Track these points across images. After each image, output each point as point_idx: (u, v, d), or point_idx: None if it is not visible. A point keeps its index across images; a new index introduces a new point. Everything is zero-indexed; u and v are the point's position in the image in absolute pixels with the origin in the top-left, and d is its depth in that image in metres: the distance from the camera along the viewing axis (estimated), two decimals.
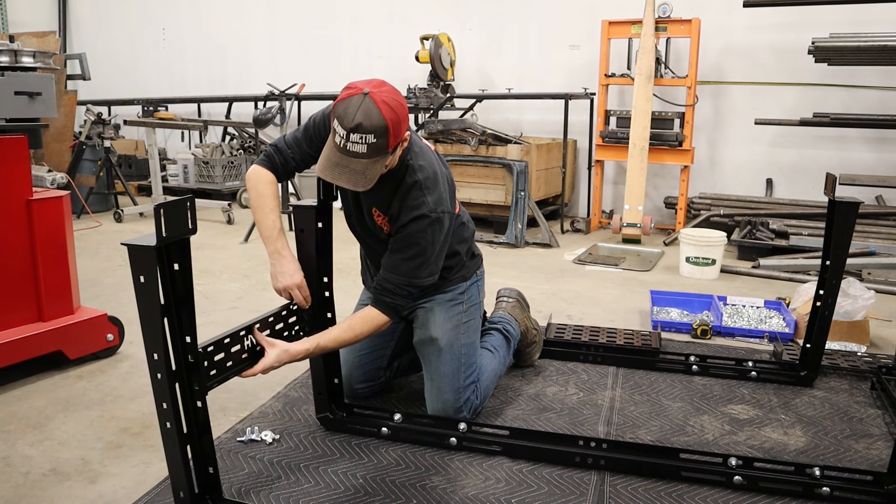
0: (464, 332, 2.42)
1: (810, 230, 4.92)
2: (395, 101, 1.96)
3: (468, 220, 2.53)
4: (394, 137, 1.96)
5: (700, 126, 6.03)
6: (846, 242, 2.56)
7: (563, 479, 2.08)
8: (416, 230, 2.12)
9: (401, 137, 2.01)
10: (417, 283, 2.18)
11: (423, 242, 2.13)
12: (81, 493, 2.01)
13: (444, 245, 2.23)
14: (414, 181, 2.13)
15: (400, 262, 2.15)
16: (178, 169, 7.52)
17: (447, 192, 2.21)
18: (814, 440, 2.33)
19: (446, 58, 6.44)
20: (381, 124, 1.91)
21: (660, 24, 5.62)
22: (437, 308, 2.40)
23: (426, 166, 2.16)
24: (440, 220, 2.14)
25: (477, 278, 2.54)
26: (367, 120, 1.90)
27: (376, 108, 1.91)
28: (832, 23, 5.33)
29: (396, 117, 1.94)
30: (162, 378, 1.65)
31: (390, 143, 1.96)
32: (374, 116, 1.90)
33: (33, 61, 2.84)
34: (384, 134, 1.92)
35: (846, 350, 3.12)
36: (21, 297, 2.78)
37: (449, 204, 2.20)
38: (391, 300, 2.17)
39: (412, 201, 2.12)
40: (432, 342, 2.37)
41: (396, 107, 1.95)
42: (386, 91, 1.96)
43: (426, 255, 2.15)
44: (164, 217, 1.54)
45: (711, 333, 3.31)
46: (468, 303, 2.46)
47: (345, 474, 2.09)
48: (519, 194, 5.42)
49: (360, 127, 1.90)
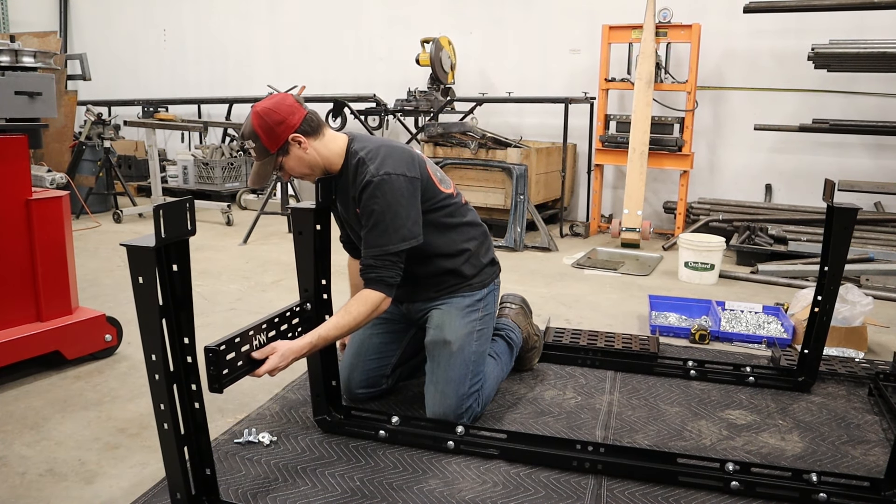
0: (476, 339, 2.43)
1: (809, 236, 4.92)
2: (266, 110, 2.22)
3: (475, 221, 2.54)
4: (268, 140, 2.21)
5: (700, 131, 6.04)
6: (845, 248, 2.55)
7: (560, 483, 2.07)
8: (367, 198, 2.22)
9: (280, 140, 2.22)
10: (391, 248, 2.21)
11: (377, 206, 2.20)
12: (78, 494, 2.00)
13: (410, 206, 2.25)
14: (357, 160, 2.28)
15: (367, 235, 2.24)
16: (177, 170, 7.54)
17: (400, 160, 2.27)
18: (811, 446, 2.33)
19: (447, 61, 6.46)
20: (250, 131, 2.23)
21: (660, 30, 5.63)
22: (454, 311, 2.42)
23: (368, 145, 2.31)
24: (386, 181, 2.21)
25: (494, 287, 2.56)
26: (245, 129, 2.25)
27: (250, 119, 2.23)
28: (832, 29, 5.34)
29: (265, 123, 2.20)
30: (160, 379, 1.65)
31: (266, 146, 2.23)
32: (247, 125, 2.24)
33: (34, 61, 2.84)
34: (256, 138, 2.22)
35: (844, 356, 3.12)
36: (19, 297, 2.77)
37: (402, 167, 2.25)
38: (376, 274, 2.22)
39: (359, 177, 2.25)
40: (445, 345, 2.37)
41: (266, 114, 2.21)
42: (268, 101, 2.26)
43: (386, 219, 2.20)
44: (164, 218, 1.55)
45: (710, 338, 3.31)
46: (484, 311, 2.48)
47: (342, 477, 2.09)
48: (518, 198, 5.42)
49: (244, 135, 2.26)
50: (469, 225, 2.49)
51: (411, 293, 2.47)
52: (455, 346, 2.37)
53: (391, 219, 2.20)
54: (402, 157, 2.29)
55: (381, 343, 2.58)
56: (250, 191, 7.33)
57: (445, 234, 2.41)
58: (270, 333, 2.07)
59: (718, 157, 6.20)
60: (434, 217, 2.36)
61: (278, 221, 6.17)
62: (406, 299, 2.52)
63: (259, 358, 1.98)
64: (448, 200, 2.42)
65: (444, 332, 2.38)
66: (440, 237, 2.39)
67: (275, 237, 5.76)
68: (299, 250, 2.22)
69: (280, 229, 6.02)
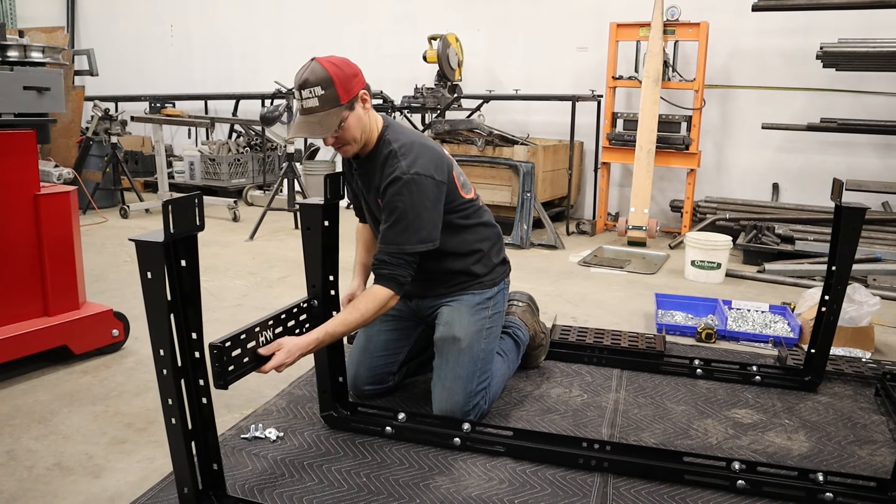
0: (485, 337, 2.43)
1: (816, 235, 4.89)
2: (340, 60, 2.16)
3: (490, 222, 2.54)
4: (342, 89, 2.13)
5: (707, 130, 6.02)
6: (852, 248, 2.55)
7: (566, 481, 2.07)
8: (393, 194, 2.20)
9: (353, 92, 2.17)
10: (408, 249, 2.20)
11: (402, 205, 2.19)
12: (86, 488, 2.01)
13: (434, 210, 2.25)
14: (389, 151, 2.25)
15: (386, 231, 2.22)
16: (184, 166, 7.55)
17: (430, 161, 2.24)
18: (817, 445, 2.32)
19: (454, 58, 6.45)
20: (325, 76, 2.11)
21: (668, 28, 5.61)
22: (463, 308, 2.42)
23: (402, 138, 2.27)
24: (415, 181, 2.18)
25: (504, 286, 2.56)
26: (312, 75, 2.12)
27: (320, 65, 2.13)
28: (840, 28, 5.32)
29: (341, 71, 2.14)
30: (168, 374, 1.65)
31: (339, 94, 2.13)
32: (319, 71, 2.12)
33: (42, 56, 2.84)
34: (329, 84, 2.12)
35: (851, 356, 3.11)
36: (27, 292, 2.78)
37: (431, 169, 2.23)
38: (389, 271, 2.21)
39: (388, 169, 2.23)
40: (454, 341, 2.37)
41: (341, 63, 2.16)
42: (333, 56, 2.18)
43: (408, 218, 2.19)
44: (173, 213, 1.55)
45: (716, 337, 3.30)
46: (493, 309, 2.48)
47: (348, 473, 2.09)
48: (525, 195, 5.42)
49: (308, 82, 2.12)
50: (483, 226, 2.49)
51: (421, 289, 2.47)
52: (464, 344, 2.37)
53: (413, 219, 2.19)
54: (433, 158, 2.27)
55: (388, 340, 2.58)
56: (257, 187, 7.34)
57: (460, 234, 2.41)
58: (277, 330, 2.07)
59: (725, 155, 6.17)
60: (450, 218, 2.35)
61: (285, 218, 6.17)
62: (416, 295, 2.52)
63: (265, 354, 1.98)
64: (466, 205, 2.42)
65: (454, 328, 2.38)
66: (454, 237, 2.39)
67: (281, 233, 5.77)
68: (307, 246, 2.22)
69: (286, 225, 6.03)
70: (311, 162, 6.92)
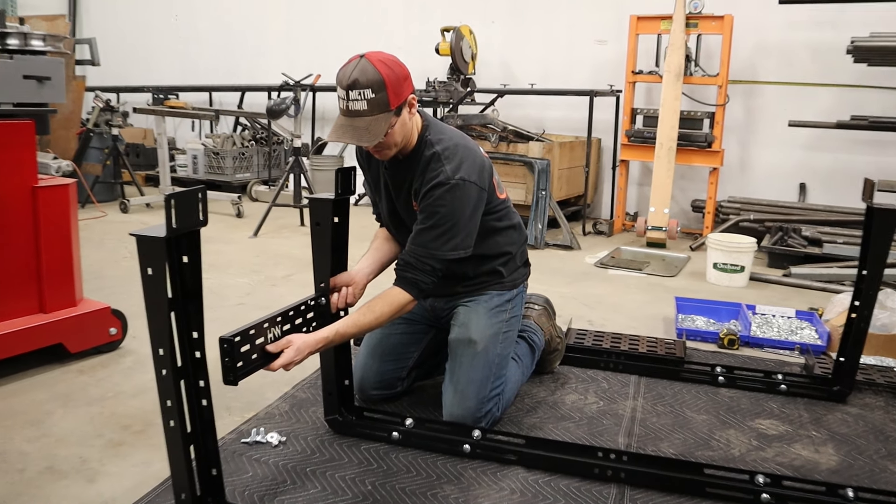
0: (501, 341, 2.37)
1: (845, 238, 4.80)
2: (391, 61, 2.04)
3: (520, 224, 2.50)
4: (393, 93, 2.01)
5: (731, 127, 5.90)
6: (884, 251, 2.50)
7: (580, 492, 2.02)
8: (435, 198, 2.12)
9: (403, 97, 2.06)
10: (440, 255, 2.14)
11: (442, 210, 2.11)
12: (79, 493, 1.96)
13: (472, 218, 2.18)
14: (432, 153, 2.16)
15: (420, 232, 2.15)
16: (187, 159, 7.48)
17: (474, 166, 2.17)
18: (847, 459, 2.25)
19: (467, 51, 6.36)
20: (377, 78, 1.98)
21: (691, 20, 5.52)
22: (481, 310, 2.36)
23: (445, 139, 2.19)
24: (459, 187, 2.12)
25: (523, 288, 2.52)
26: (362, 76, 1.98)
27: (371, 65, 1.99)
28: (870, 21, 5.18)
29: (393, 73, 2.01)
30: (167, 374, 1.62)
31: (390, 99, 2.01)
32: (370, 72, 1.98)
33: (43, 45, 2.80)
34: (381, 88, 1.99)
35: (882, 365, 3.02)
36: (22, 288, 2.74)
37: (475, 176, 2.16)
38: (412, 275, 2.14)
39: (430, 172, 2.14)
40: (470, 343, 2.31)
41: (393, 64, 2.03)
42: (383, 54, 2.05)
43: (447, 225, 2.12)
44: (175, 208, 1.52)
45: (739, 344, 3.23)
46: (511, 313, 2.43)
47: (353, 480, 2.04)
48: (540, 193, 5.35)
49: (357, 83, 1.98)
50: (513, 228, 2.45)
51: (440, 288, 2.38)
52: (480, 346, 2.31)
53: (450, 226, 2.13)
54: (476, 162, 2.21)
55: (399, 344, 2.53)
56: (262, 182, 7.29)
57: (492, 236, 2.37)
58: (285, 327, 2.03)
59: (750, 154, 6.06)
60: (485, 220, 2.29)
61: (290, 214, 6.09)
62: (433, 294, 2.43)
63: (274, 351, 1.93)
64: (501, 206, 2.39)
65: (470, 330, 2.33)
66: (486, 240, 2.34)
67: (286, 230, 5.70)
68: (316, 242, 2.17)
69: (292, 222, 5.96)
70: (318, 157, 6.87)
